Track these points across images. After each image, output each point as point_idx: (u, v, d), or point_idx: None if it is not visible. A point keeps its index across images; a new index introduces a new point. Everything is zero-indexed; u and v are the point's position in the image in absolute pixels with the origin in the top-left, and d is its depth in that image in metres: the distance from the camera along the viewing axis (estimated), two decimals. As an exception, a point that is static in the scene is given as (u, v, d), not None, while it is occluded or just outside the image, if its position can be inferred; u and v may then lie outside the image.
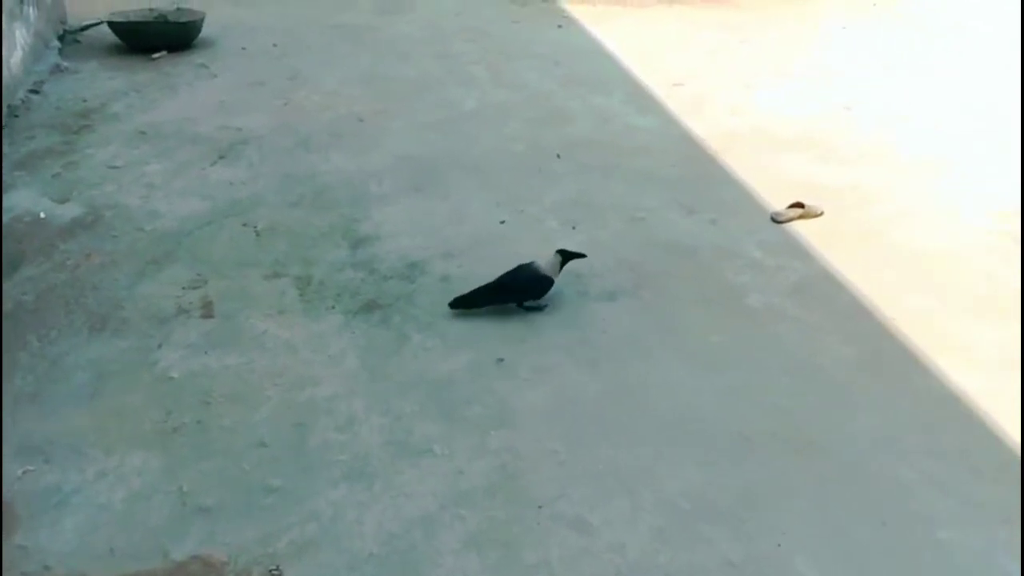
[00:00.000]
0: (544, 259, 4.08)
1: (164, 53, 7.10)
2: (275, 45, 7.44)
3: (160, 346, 3.81)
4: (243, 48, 7.36)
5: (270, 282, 4.27)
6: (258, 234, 4.67)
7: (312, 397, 3.56)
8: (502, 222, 4.82)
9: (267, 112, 6.14)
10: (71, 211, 4.81)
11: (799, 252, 4.56)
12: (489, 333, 3.94)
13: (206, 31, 7.43)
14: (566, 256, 4.11)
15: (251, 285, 4.24)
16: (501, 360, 3.77)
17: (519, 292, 4.06)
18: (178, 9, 7.61)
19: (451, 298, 4.12)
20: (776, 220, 4.85)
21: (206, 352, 3.79)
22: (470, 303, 4.05)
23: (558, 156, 5.52)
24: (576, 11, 8.54)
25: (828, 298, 4.20)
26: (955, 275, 4.38)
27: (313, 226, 4.74)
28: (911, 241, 4.67)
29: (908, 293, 4.23)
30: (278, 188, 5.13)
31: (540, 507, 3.07)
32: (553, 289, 4.08)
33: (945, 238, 4.70)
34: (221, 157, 5.47)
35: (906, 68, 7.06)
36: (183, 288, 4.20)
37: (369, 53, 7.39)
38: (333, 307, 4.09)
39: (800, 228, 4.77)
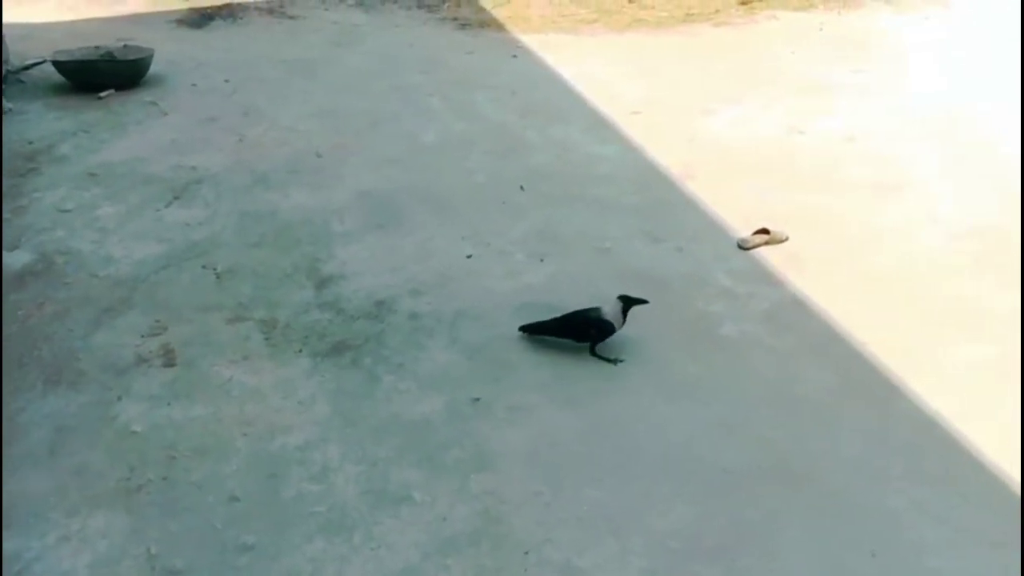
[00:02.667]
0: (609, 304, 3.98)
1: (112, 91, 6.92)
2: (226, 81, 7.30)
3: (120, 398, 3.66)
4: (194, 84, 7.22)
5: (233, 326, 4.13)
6: (218, 276, 4.53)
7: (283, 446, 3.43)
8: (469, 256, 4.75)
9: (222, 149, 6.00)
10: (20, 258, 4.63)
11: (768, 279, 4.56)
12: (463, 372, 3.86)
13: (155, 68, 7.27)
14: (628, 302, 3.98)
15: (214, 330, 4.11)
16: (477, 400, 3.68)
17: (579, 331, 3.96)
18: (125, 46, 7.44)
19: (422, 336, 4.04)
20: (742, 247, 4.86)
21: (169, 403, 3.64)
22: (538, 330, 4.03)
23: (521, 188, 5.48)
24: (529, 40, 8.55)
25: (800, 324, 4.20)
26: (921, 297, 4.41)
27: (276, 266, 4.62)
28: (874, 264, 4.70)
29: (877, 317, 4.24)
30: (237, 228, 4.99)
31: (526, 553, 2.99)
32: (617, 337, 3.98)
33: (907, 260, 4.74)
34: (176, 197, 5.32)
35: (853, 90, 7.18)
36: (142, 336, 4.04)
37: (323, 87, 7.29)
38: (301, 350, 3.97)
39: (766, 254, 4.78)
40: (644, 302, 3.98)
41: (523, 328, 4.06)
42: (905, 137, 6.30)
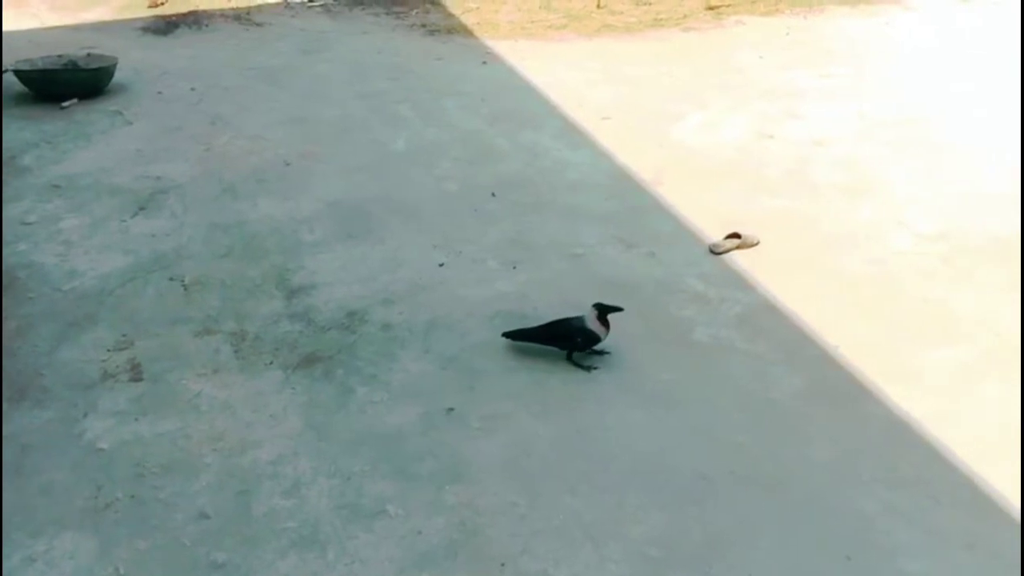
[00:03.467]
0: (589, 314, 3.94)
1: (75, 101, 6.81)
2: (192, 89, 7.21)
3: (86, 415, 3.59)
4: (159, 93, 7.12)
5: (202, 339, 4.07)
6: (186, 288, 4.46)
7: (255, 461, 3.38)
8: (441, 265, 4.72)
9: (188, 159, 5.92)
10: (-19, 273, 4.53)
11: (739, 283, 4.58)
12: (436, 382, 3.83)
13: (119, 76, 7.17)
14: (603, 310, 3.94)
15: (181, 343, 4.04)
16: (451, 410, 3.65)
17: (564, 338, 3.94)
18: (88, 55, 7.33)
19: (394, 346, 4.02)
20: (714, 251, 4.87)
21: (137, 419, 3.58)
22: (522, 336, 3.99)
23: (492, 195, 5.46)
24: (498, 47, 8.53)
25: (772, 328, 4.21)
26: (890, 300, 4.45)
27: (244, 277, 4.55)
28: (844, 267, 4.73)
29: (848, 320, 4.27)
30: (205, 239, 4.92)
31: (503, 565, 2.97)
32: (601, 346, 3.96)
33: (876, 263, 4.77)
34: (141, 208, 5.24)
35: (820, 94, 7.24)
36: (108, 351, 3.97)
37: (290, 95, 7.22)
38: (271, 363, 3.92)
39: (738, 258, 4.80)
40: (619, 309, 3.97)
41: (507, 334, 4.03)
42: (872, 140, 6.37)
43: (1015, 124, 6.53)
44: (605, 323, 3.91)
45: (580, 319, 3.94)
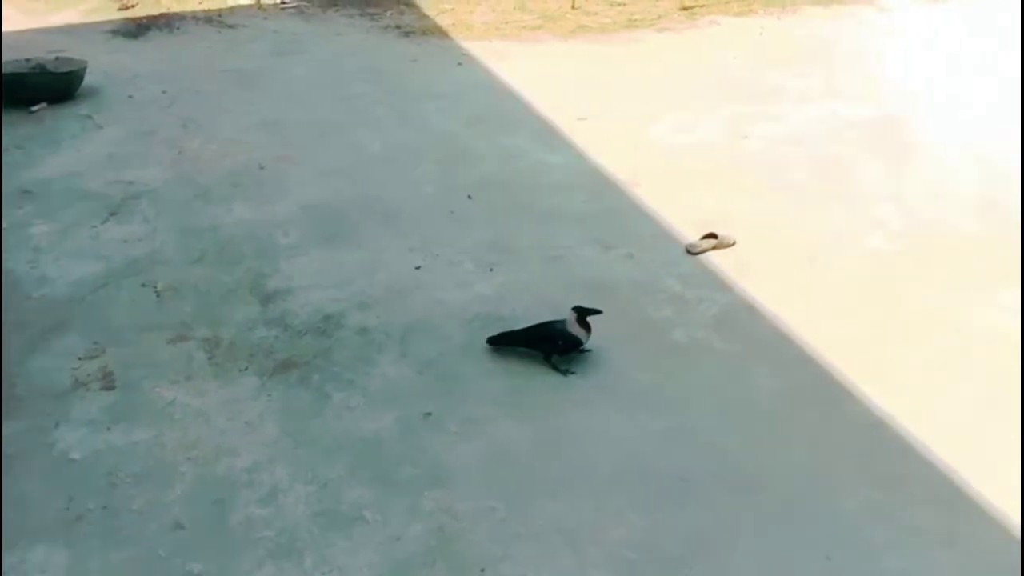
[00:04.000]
0: (569, 317, 3.93)
1: (44, 105, 6.70)
2: (164, 92, 7.12)
3: (58, 425, 3.53)
4: (130, 96, 7.03)
5: (175, 346, 4.02)
6: (159, 295, 4.40)
7: (230, 469, 3.34)
8: (417, 268, 4.69)
9: (160, 163, 5.85)
10: (-51, 281, 4.45)
11: (717, 283, 4.59)
12: (414, 386, 3.80)
13: (89, 80, 7.07)
14: (582, 312, 3.94)
15: (155, 351, 3.99)
16: (429, 414, 3.63)
17: (547, 342, 3.92)
18: (57, 58, 7.21)
19: (371, 351, 3.99)
20: (691, 252, 4.88)
21: (109, 428, 3.53)
22: (505, 341, 3.97)
23: (469, 197, 5.44)
24: (474, 48, 8.50)
25: (750, 329, 4.22)
26: (864, 299, 4.47)
27: (219, 283, 4.50)
28: (821, 267, 4.75)
29: (823, 319, 4.28)
30: (178, 244, 4.86)
31: (482, 570, 2.95)
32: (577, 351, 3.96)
33: (851, 262, 4.80)
34: (113, 214, 5.17)
35: (795, 95, 7.27)
36: (79, 359, 3.91)
37: (265, 97, 7.16)
38: (246, 369, 3.88)
39: (715, 259, 4.81)
40: (597, 312, 3.96)
41: (491, 340, 4.00)
42: (846, 140, 6.40)
43: (987, 123, 6.60)
44: (586, 325, 3.91)
45: (562, 322, 3.93)
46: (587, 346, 3.94)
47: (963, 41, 8.58)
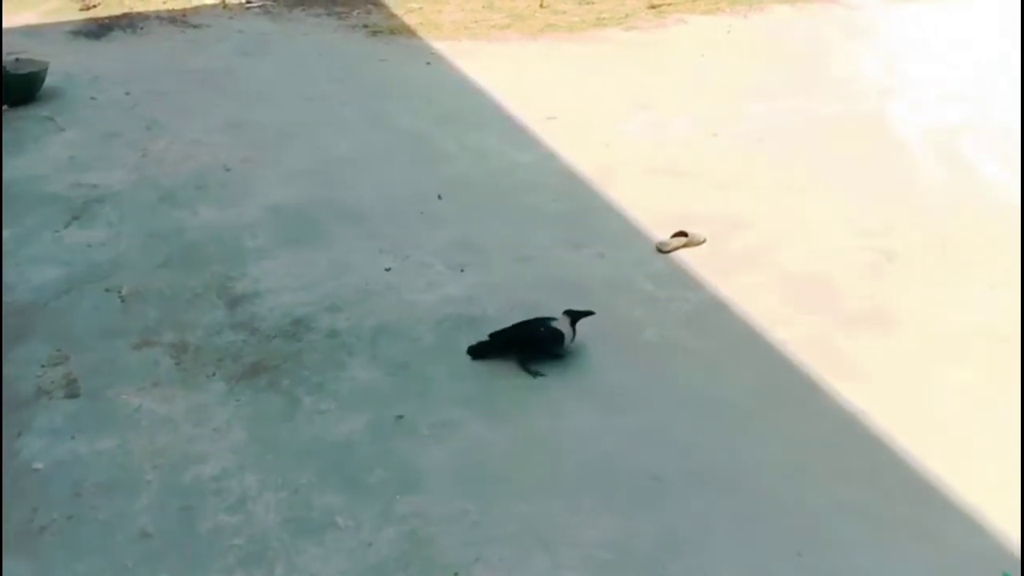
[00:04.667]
0: (557, 320, 3.93)
1: (5, 107, 6.58)
2: (127, 93, 7.01)
3: (20, 434, 3.46)
4: (92, 98, 6.91)
5: (141, 352, 3.95)
6: (123, 300, 4.33)
7: (198, 477, 3.29)
8: (387, 269, 4.65)
9: (124, 166, 5.75)
10: (-95, 288, 4.34)
11: (687, 282, 4.59)
12: (385, 389, 3.77)
13: (50, 81, 6.94)
14: (575, 316, 3.95)
15: (120, 357, 3.92)
16: (400, 417, 3.60)
17: (529, 341, 3.91)
18: (17, 60, 7.07)
19: (341, 354, 3.95)
20: (661, 250, 4.88)
21: (73, 436, 3.46)
22: (485, 351, 3.93)
23: (439, 197, 5.40)
24: (442, 47, 8.46)
25: (721, 326, 4.23)
26: (834, 295, 4.50)
27: (185, 287, 4.43)
28: (789, 264, 4.77)
29: (794, 316, 4.30)
30: (142, 248, 4.78)
31: (456, 574, 2.93)
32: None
33: (820, 259, 4.82)
34: (76, 218, 5.08)
35: (761, 93, 7.31)
36: (42, 366, 3.83)
37: (230, 98, 7.07)
38: (214, 374, 3.82)
39: (685, 257, 4.81)
40: (590, 313, 3.99)
41: (471, 352, 3.95)
42: (815, 137, 6.44)
43: (955, 117, 6.68)
44: (573, 329, 3.92)
45: (552, 319, 3.93)
46: (567, 346, 3.92)
47: (930, 37, 8.68)
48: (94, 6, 9.19)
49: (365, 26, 9.09)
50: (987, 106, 6.85)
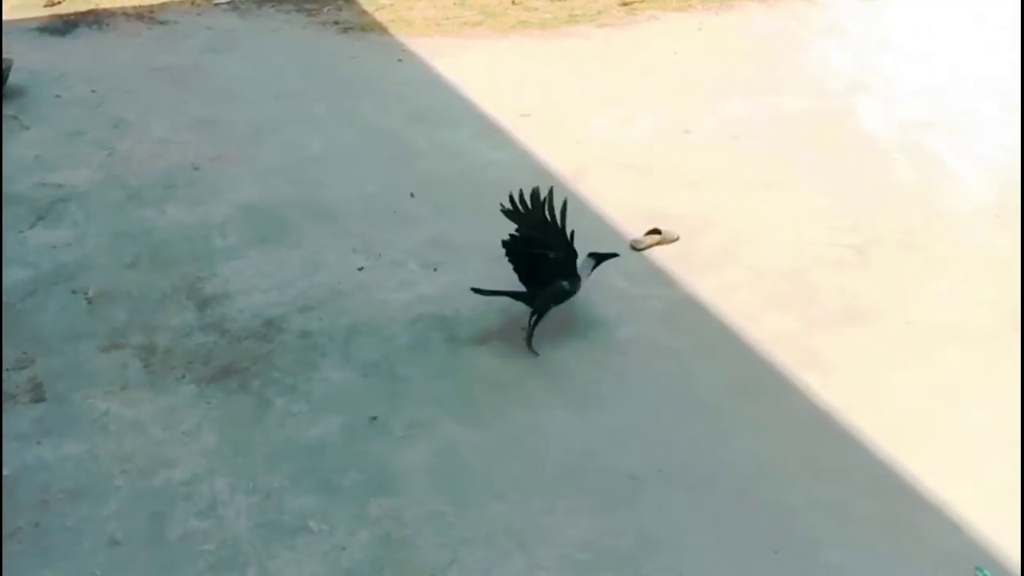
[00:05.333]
0: (583, 259, 4.09)
1: (-35, 105, 6.45)
2: (93, 91, 6.89)
3: (-17, 440, 3.38)
4: (57, 96, 6.79)
5: (108, 355, 3.88)
6: (90, 301, 4.25)
7: (167, 481, 3.23)
8: (360, 269, 4.61)
9: (90, 165, 5.65)
10: None
11: (661, 279, 4.59)
12: (358, 390, 3.73)
13: (13, 79, 6.80)
14: (599, 258, 4.14)
15: (86, 360, 3.85)
16: (374, 418, 3.56)
17: (542, 282, 4.02)
18: (-22, 56, 6.94)
19: (314, 355, 3.92)
20: (635, 248, 4.88)
21: (39, 442, 3.39)
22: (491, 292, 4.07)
23: (412, 196, 5.36)
24: (414, 44, 8.40)
25: (695, 324, 4.24)
26: (807, 292, 4.51)
27: (153, 288, 4.36)
28: (762, 261, 4.78)
29: (768, 313, 4.31)
30: (109, 248, 4.70)
31: (432, 577, 2.90)
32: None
33: (792, 256, 4.84)
34: (40, 218, 4.98)
35: (733, 89, 7.34)
36: (7, 370, 3.76)
37: (199, 96, 6.97)
38: (183, 377, 3.76)
39: (659, 254, 4.81)
40: (615, 255, 4.21)
41: (476, 290, 4.07)
42: (786, 134, 6.47)
43: (923, 115, 6.73)
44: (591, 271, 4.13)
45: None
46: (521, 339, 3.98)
47: (902, 34, 8.75)
48: (59, 2, 9.03)
49: (336, 23, 9.01)
50: (957, 103, 6.91)
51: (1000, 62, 7.60)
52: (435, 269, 4.62)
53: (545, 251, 4.02)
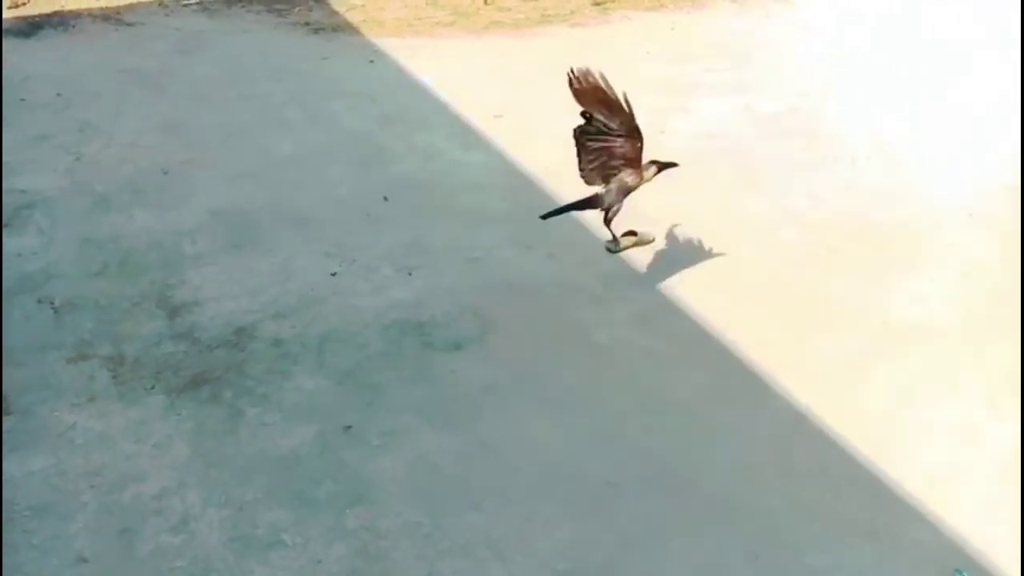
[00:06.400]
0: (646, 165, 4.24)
1: (-74, 109, 6.31)
2: (59, 95, 6.77)
3: (-54, 456, 3.29)
4: (22, 100, 6.65)
5: (76, 366, 3.80)
6: (56, 311, 4.16)
7: (137, 496, 3.16)
8: (333, 274, 4.55)
9: (56, 170, 5.54)
10: None
11: (637, 281, 4.58)
12: (332, 398, 3.67)
13: (-24, 82, 6.68)
14: (661, 166, 4.34)
15: (53, 371, 3.76)
16: (349, 427, 3.51)
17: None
18: (-60, 59, 6.80)
19: (286, 363, 3.85)
20: (611, 250, 4.84)
21: (4, 457, 3.30)
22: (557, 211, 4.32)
23: (385, 199, 5.30)
24: (386, 44, 8.33)
25: (672, 326, 4.22)
26: (782, 291, 4.51)
27: (122, 296, 4.28)
28: (737, 262, 4.77)
29: (743, 313, 4.30)
30: (76, 256, 4.60)
31: (409, 589, 2.85)
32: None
33: (767, 256, 4.83)
34: (5, 225, 4.87)
35: (707, 89, 7.34)
36: (-32, 384, 3.66)
37: (167, 99, 6.86)
38: (153, 387, 3.68)
39: (635, 256, 4.79)
40: (674, 165, 4.36)
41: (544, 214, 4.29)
42: (760, 134, 6.48)
43: (891, 113, 6.77)
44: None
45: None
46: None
47: (873, 35, 8.80)
48: (23, 3, 8.87)
49: (306, 23, 8.93)
50: (927, 103, 6.95)
51: (972, 64, 7.67)
52: (410, 273, 4.57)
53: (614, 143, 4.29)
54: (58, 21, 8.58)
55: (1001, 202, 5.40)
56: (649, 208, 5.26)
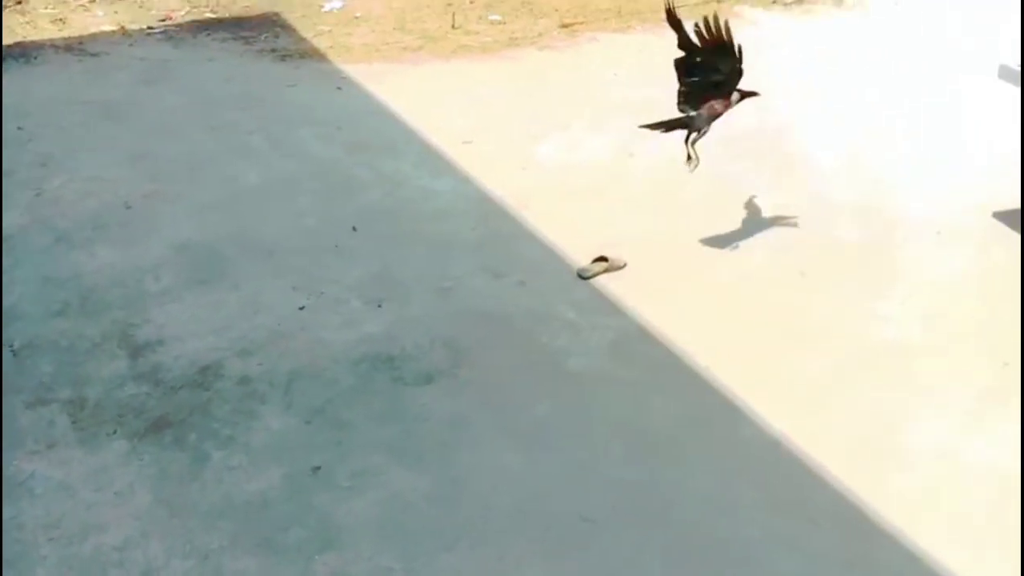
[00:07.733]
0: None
1: None
2: (20, 128, 6.65)
3: None
4: (-19, 134, 6.55)
5: (34, 411, 3.70)
6: (15, 354, 4.05)
7: (98, 547, 3.07)
8: (301, 308, 4.48)
9: (16, 207, 5.42)
10: None
11: (610, 308, 4.54)
12: (301, 439, 3.60)
13: (-66, 117, 6.55)
14: (743, 94, 4.62)
15: (11, 417, 3.65)
16: (317, 468, 3.43)
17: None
18: None
19: (253, 403, 3.78)
20: (583, 276, 4.82)
21: (-42, 510, 3.19)
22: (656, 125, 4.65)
23: (354, 229, 5.24)
24: (353, 71, 8.28)
25: (645, 353, 4.18)
26: (755, 315, 4.49)
27: (83, 337, 4.18)
28: (709, 285, 4.76)
29: (716, 338, 4.28)
30: (36, 296, 4.50)
31: (380, 638, 2.78)
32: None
33: (739, 278, 4.82)
34: (-38, 266, 4.76)
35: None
36: (-79, 432, 3.55)
37: (132, 130, 6.76)
38: (115, 432, 3.59)
39: (607, 282, 4.76)
40: (756, 94, 4.68)
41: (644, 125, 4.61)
42: (730, 154, 6.44)
43: (862, 131, 6.82)
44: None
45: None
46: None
47: (837, 52, 8.87)
48: (-18, 35, 8.74)
49: (273, 50, 8.86)
50: (898, 120, 7.00)
51: (947, 80, 7.73)
52: (379, 305, 4.51)
53: (714, 72, 4.55)
54: (20, 52, 8.46)
55: (971, 220, 5.42)
56: (620, 233, 5.25)
